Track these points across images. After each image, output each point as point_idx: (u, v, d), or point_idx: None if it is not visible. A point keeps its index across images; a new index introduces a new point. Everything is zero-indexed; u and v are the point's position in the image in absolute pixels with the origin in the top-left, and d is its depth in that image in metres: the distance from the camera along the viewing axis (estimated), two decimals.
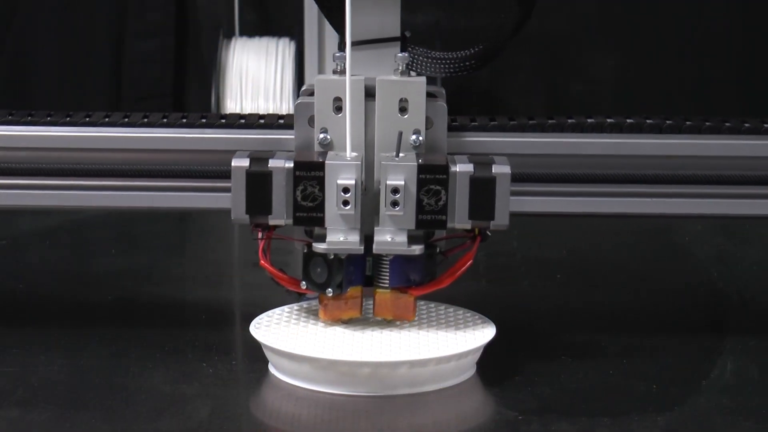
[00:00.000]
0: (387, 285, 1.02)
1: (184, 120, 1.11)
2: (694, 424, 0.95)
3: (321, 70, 1.99)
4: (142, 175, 1.09)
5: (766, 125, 1.10)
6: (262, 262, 1.03)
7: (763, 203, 1.10)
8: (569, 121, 1.10)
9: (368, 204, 1.01)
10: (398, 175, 0.99)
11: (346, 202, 0.98)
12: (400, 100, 1.02)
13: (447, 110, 1.04)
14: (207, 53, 2.16)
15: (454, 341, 1.01)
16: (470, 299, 1.14)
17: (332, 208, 0.99)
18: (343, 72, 1.01)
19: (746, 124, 1.10)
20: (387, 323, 1.05)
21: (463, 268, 1.03)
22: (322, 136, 1.02)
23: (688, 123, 1.10)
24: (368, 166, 1.02)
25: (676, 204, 1.10)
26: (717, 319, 1.26)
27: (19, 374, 1.03)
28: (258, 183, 1.00)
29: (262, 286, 1.37)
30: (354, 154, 1.00)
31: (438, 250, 1.05)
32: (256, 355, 1.04)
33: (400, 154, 1.00)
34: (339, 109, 1.02)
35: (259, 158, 1.01)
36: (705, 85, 2.17)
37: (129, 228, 1.61)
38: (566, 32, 2.14)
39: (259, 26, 2.19)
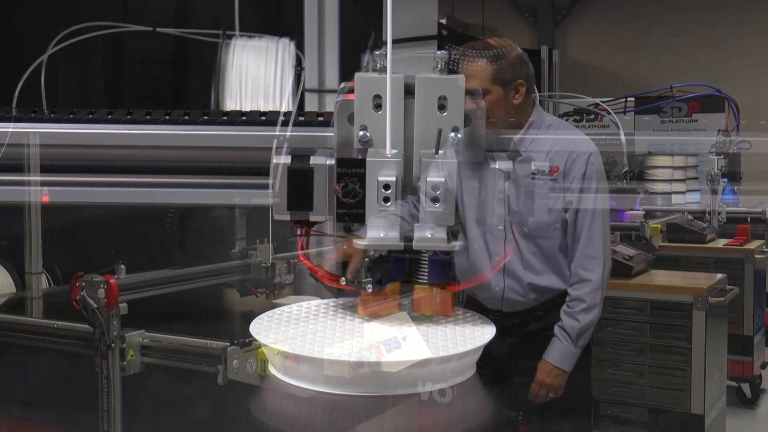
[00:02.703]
0: (426, 281, 1.03)
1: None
2: (695, 423, 0.95)
3: (321, 71, 1.99)
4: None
5: None
6: (302, 258, 1.04)
7: None
8: None
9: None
10: (439, 172, 0.99)
11: (386, 199, 0.98)
12: (439, 98, 1.02)
13: (486, 108, 1.04)
14: (207, 53, 2.16)
15: (454, 341, 1.01)
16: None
17: (373, 205, 0.99)
18: (382, 70, 1.01)
19: None
20: (387, 323, 1.05)
21: (503, 263, 1.05)
22: (361, 133, 1.02)
23: None
24: (407, 163, 1.02)
25: None
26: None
27: (19, 374, 1.03)
28: (299, 180, 1.00)
29: None
30: (394, 151, 1.00)
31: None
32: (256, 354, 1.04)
33: (440, 152, 1.00)
34: (378, 106, 1.02)
35: (300, 155, 1.01)
36: None
37: (129, 228, 1.61)
38: None
39: (259, 26, 2.19)
